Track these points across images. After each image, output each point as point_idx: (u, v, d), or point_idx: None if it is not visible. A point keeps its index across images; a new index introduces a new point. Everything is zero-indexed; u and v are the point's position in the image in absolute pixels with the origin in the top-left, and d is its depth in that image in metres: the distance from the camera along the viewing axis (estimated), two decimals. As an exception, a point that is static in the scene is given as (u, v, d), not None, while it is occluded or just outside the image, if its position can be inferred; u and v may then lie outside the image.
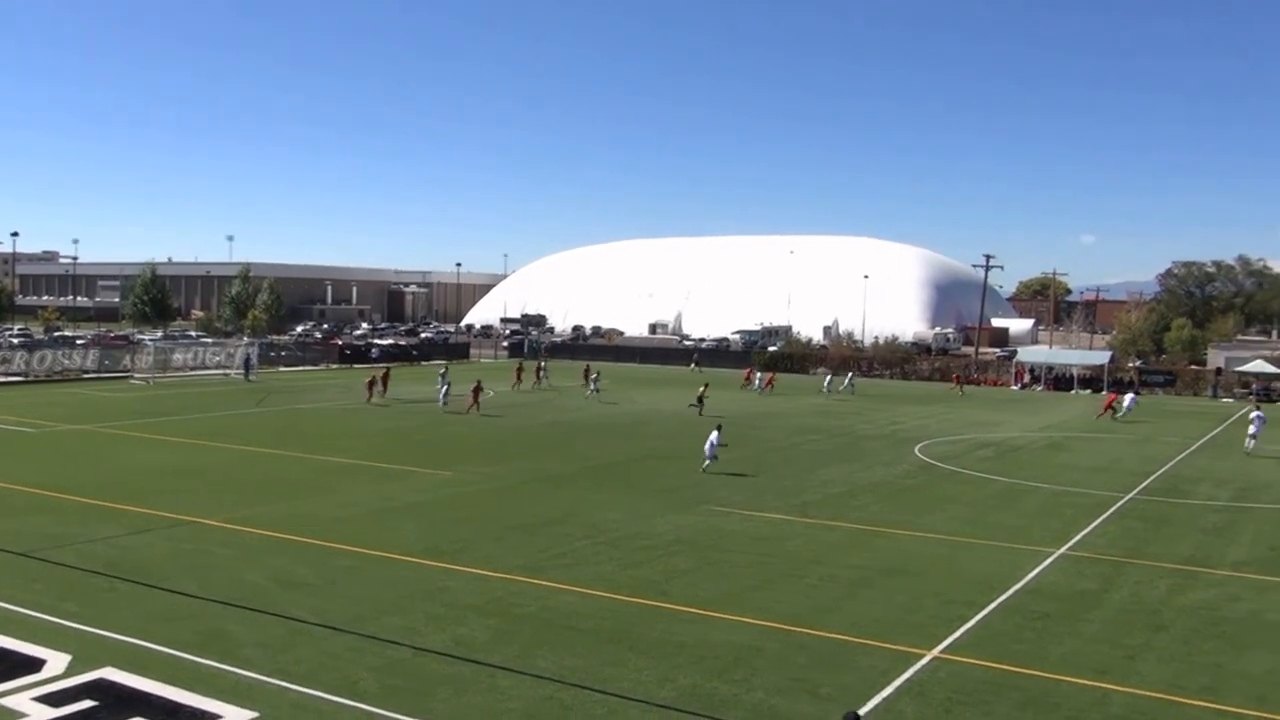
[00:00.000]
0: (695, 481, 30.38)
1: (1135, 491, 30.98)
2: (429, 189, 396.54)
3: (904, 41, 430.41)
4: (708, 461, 31.68)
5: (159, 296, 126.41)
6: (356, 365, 77.77)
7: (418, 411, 47.55)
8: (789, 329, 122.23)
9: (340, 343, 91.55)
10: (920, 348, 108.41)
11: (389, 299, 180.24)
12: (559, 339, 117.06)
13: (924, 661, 15.36)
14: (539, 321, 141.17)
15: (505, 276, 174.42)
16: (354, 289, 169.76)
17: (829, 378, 67.21)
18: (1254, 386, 73.34)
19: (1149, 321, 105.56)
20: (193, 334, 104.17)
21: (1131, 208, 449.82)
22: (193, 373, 67.87)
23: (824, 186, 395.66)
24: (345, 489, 27.91)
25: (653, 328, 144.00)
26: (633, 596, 18.29)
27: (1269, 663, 15.85)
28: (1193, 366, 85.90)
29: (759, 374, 69.13)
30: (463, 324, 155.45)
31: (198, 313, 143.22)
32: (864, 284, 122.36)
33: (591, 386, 56.28)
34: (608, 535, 23.08)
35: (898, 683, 14.45)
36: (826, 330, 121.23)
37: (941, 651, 15.84)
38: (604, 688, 13.91)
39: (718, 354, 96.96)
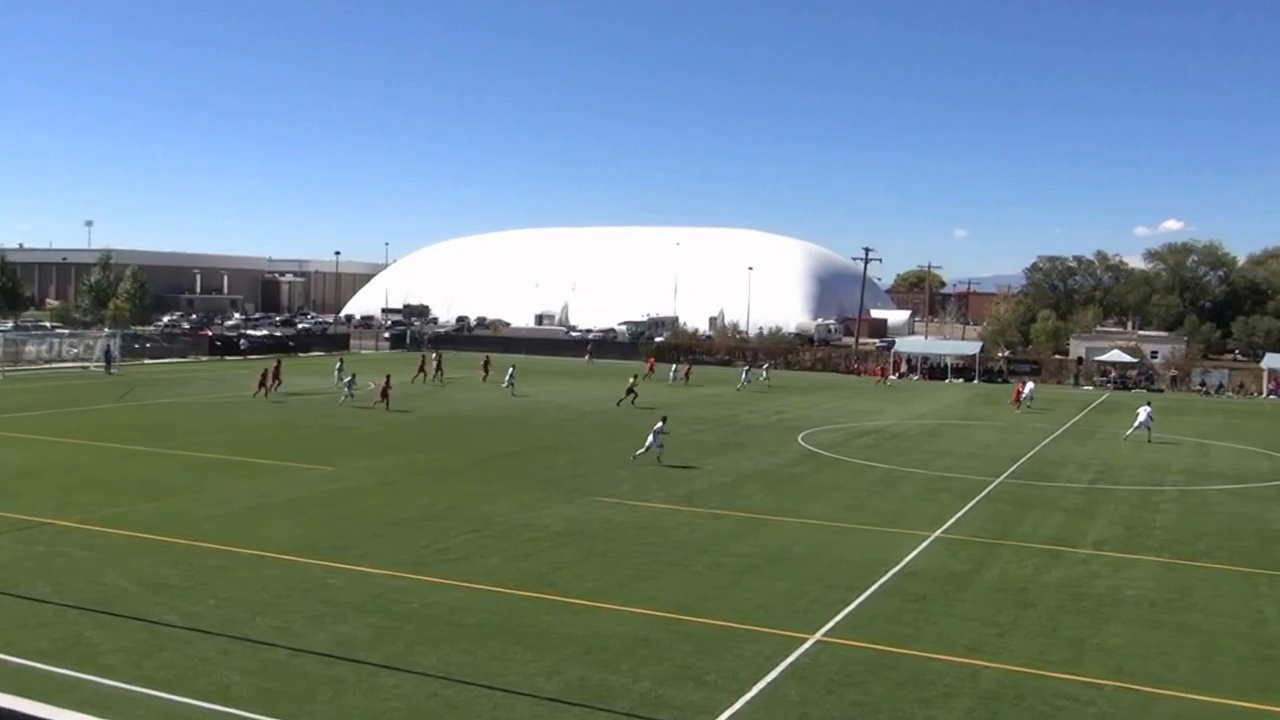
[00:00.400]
0: (582, 473, 30.37)
1: (1005, 476, 32.13)
2: (306, 174, 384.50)
3: (785, 35, 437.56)
4: (642, 450, 32.02)
5: (9, 285, 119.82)
6: (228, 357, 75.46)
7: (303, 405, 46.26)
8: (675, 320, 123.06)
9: (210, 334, 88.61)
10: (803, 338, 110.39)
11: (263, 288, 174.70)
12: (443, 330, 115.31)
13: (807, 645, 15.65)
14: (422, 312, 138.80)
15: (387, 266, 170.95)
16: (225, 278, 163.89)
17: (746, 369, 67.97)
18: (1134, 375, 76.74)
19: (1016, 313, 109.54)
20: (47, 324, 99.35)
21: (1001, 204, 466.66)
22: (47, 366, 64.51)
23: (710, 179, 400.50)
24: (216, 486, 26.99)
25: (539, 318, 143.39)
26: (519, 589, 18.17)
27: (1126, 635, 16.63)
28: (1056, 356, 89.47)
29: (675, 366, 69.48)
30: (342, 314, 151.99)
31: (53, 302, 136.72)
32: (749, 276, 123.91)
33: (506, 381, 55.35)
34: (494, 528, 22.89)
35: (782, 667, 14.69)
36: (712, 321, 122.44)
37: (824, 635, 16.16)
38: (490, 682, 13.79)
39: (606, 345, 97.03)
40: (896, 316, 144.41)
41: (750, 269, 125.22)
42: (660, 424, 32.69)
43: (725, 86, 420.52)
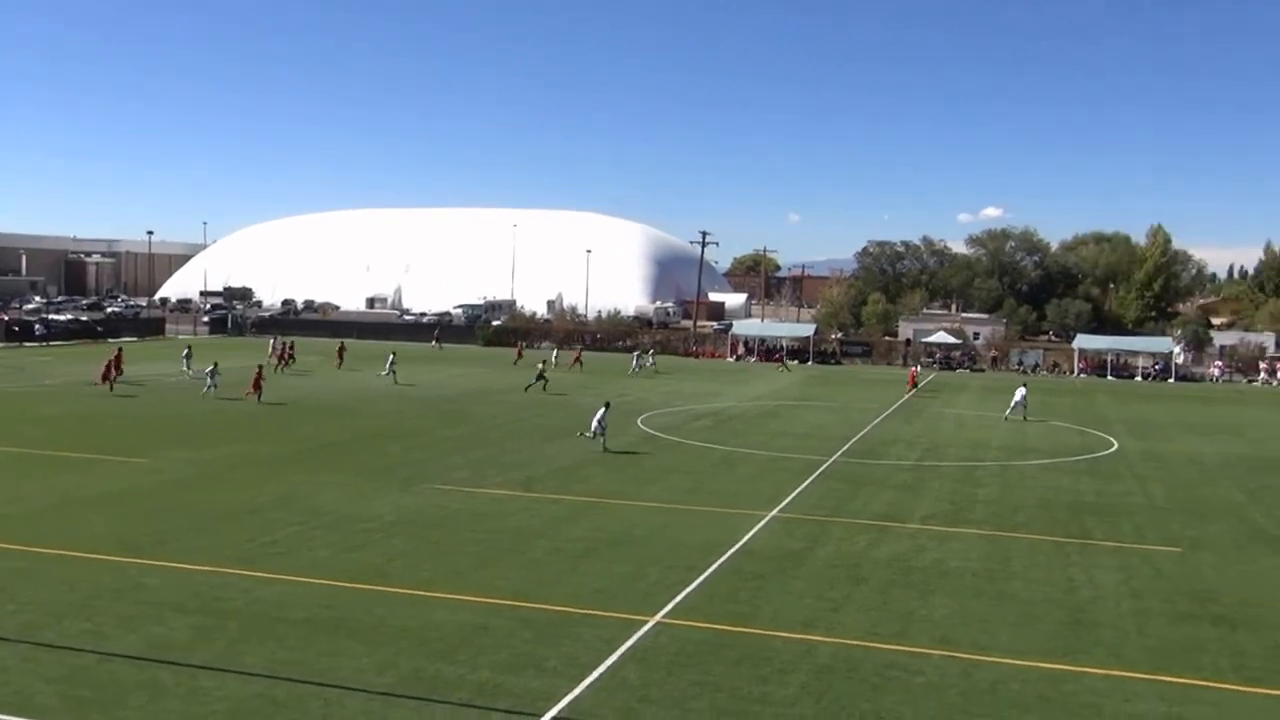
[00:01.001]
0: (417, 460, 29.69)
1: (838, 455, 33.01)
2: (116, 148, 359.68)
3: (620, 14, 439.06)
4: (589, 434, 32.49)
5: None
6: (26, 344, 70.71)
7: (151, 396, 43.43)
8: (513, 303, 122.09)
9: (6, 318, 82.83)
10: (642, 321, 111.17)
11: (67, 269, 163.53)
12: (268, 314, 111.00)
13: (647, 628, 15.63)
14: (244, 295, 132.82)
15: (206, 247, 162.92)
16: (23, 258, 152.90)
17: (637, 354, 68.35)
18: (958, 356, 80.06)
19: (849, 296, 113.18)
20: None
21: (833, 190, 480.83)
22: None
23: (548, 160, 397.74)
24: (15, 482, 25.14)
25: (371, 301, 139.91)
26: (350, 582, 17.55)
27: (950, 606, 17.25)
28: (886, 338, 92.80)
29: (556, 353, 69.39)
30: (156, 297, 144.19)
31: None
32: (587, 258, 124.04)
33: (386, 369, 53.01)
34: (324, 519, 22.08)
35: (622, 650, 14.63)
36: (550, 304, 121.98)
37: (664, 617, 16.18)
38: (320, 679, 13.24)
39: (443, 329, 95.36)
40: (734, 300, 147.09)
41: (589, 252, 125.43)
42: (603, 410, 32.72)
43: (560, 66, 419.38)
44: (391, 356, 54.10)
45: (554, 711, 12.57)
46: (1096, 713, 13.04)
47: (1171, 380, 74.44)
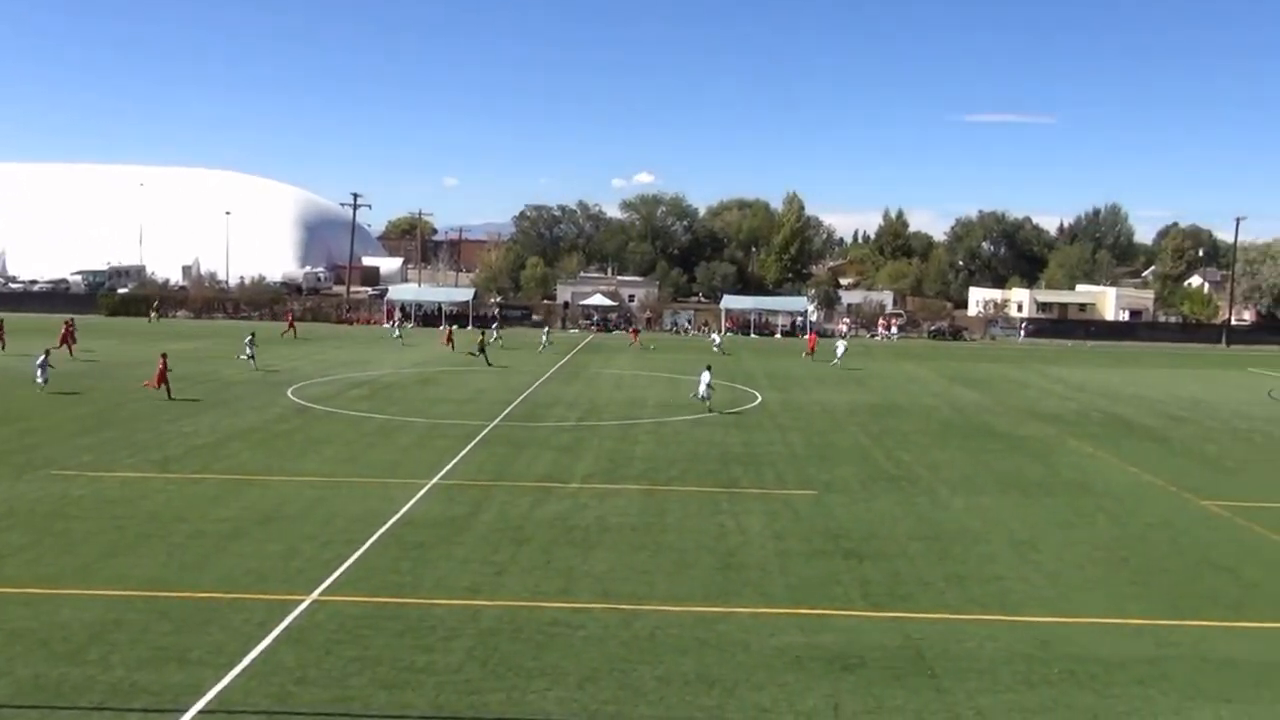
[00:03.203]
0: (32, 444, 26.62)
1: (499, 419, 33.06)
2: None
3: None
4: (702, 397, 36.15)
5: None
6: None
7: None
8: (142, 269, 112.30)
9: None
10: (290, 287, 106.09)
11: None
12: None
13: (303, 607, 14.89)
14: None
15: None
16: None
17: (546, 330, 67.82)
18: (614, 318, 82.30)
19: (507, 260, 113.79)
20: None
21: (488, 153, 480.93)
22: None
23: (178, 113, 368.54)
24: None
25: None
26: (-49, 584, 15.42)
27: (610, 560, 17.72)
28: (545, 301, 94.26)
29: (394, 322, 65.43)
30: None
31: None
32: (227, 221, 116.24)
33: (247, 352, 46.42)
34: (-83, 516, 19.27)
35: (276, 633, 13.84)
36: (186, 270, 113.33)
37: (321, 594, 15.48)
38: (-89, 699, 11.51)
39: (55, 297, 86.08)
40: (389, 264, 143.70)
41: (228, 214, 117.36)
42: (707, 374, 36.85)
43: (194, 11, 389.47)
44: (250, 338, 47.97)
45: (200, 705, 11.67)
46: (745, 649, 13.83)
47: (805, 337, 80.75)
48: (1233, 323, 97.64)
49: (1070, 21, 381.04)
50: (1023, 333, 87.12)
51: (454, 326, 67.83)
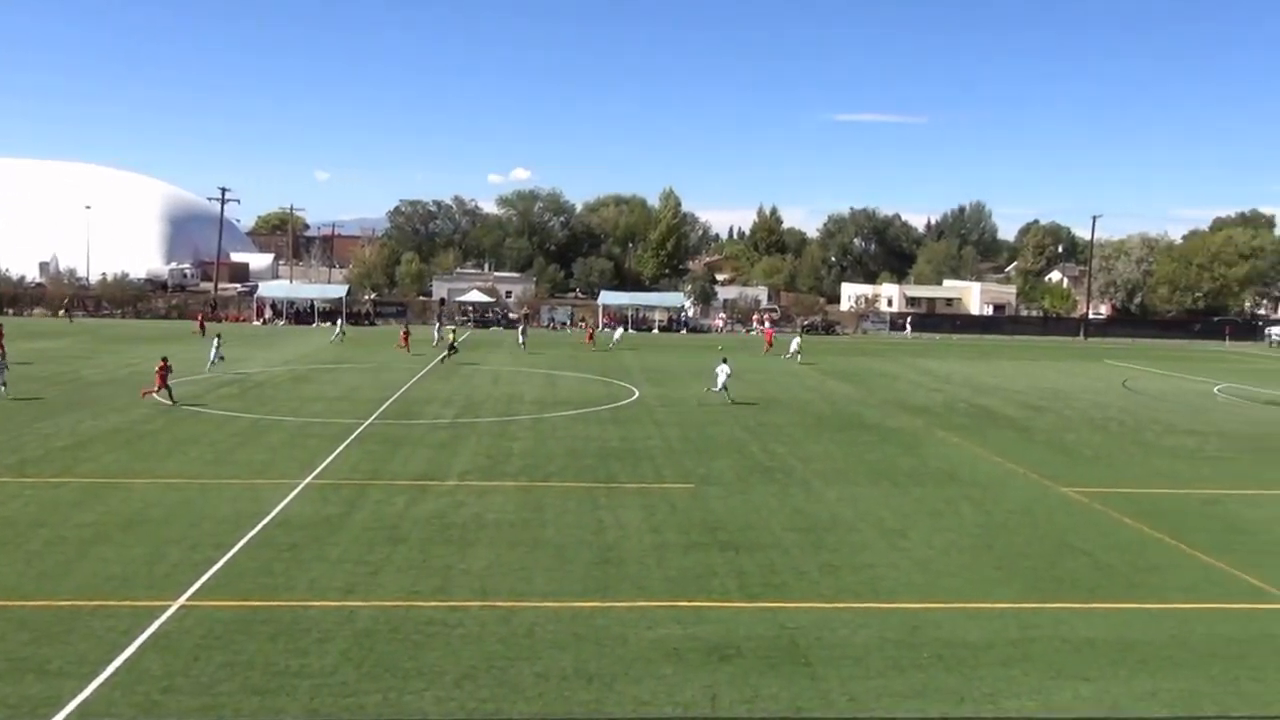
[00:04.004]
0: (-128, 448, 25.08)
1: (374, 417, 32.50)
2: None
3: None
4: (718, 391, 38.43)
5: None
6: None
7: None
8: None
9: None
10: (155, 284, 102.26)
11: None
12: None
13: (170, 612, 14.41)
14: None
15: None
16: None
17: (522, 329, 64.47)
18: (491, 314, 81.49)
19: (382, 256, 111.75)
20: None
21: (362, 147, 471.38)
22: None
23: (27, 102, 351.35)
24: None
25: None
26: None
27: (488, 558, 17.61)
28: (421, 298, 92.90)
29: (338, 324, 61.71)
30: None
31: None
32: (87, 215, 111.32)
33: (213, 354, 44.10)
34: None
35: (141, 639, 13.36)
36: (44, 267, 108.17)
37: (189, 599, 15.00)
38: None
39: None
40: (259, 260, 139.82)
41: (89, 208, 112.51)
42: (726, 365, 38.80)
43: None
44: (217, 340, 45.81)
45: (59, 717, 11.20)
46: (623, 642, 13.92)
47: (684, 332, 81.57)
48: (1090, 316, 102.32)
49: (938, 24, 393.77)
50: (909, 328, 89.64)
51: (408, 327, 64.23)
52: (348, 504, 21.06)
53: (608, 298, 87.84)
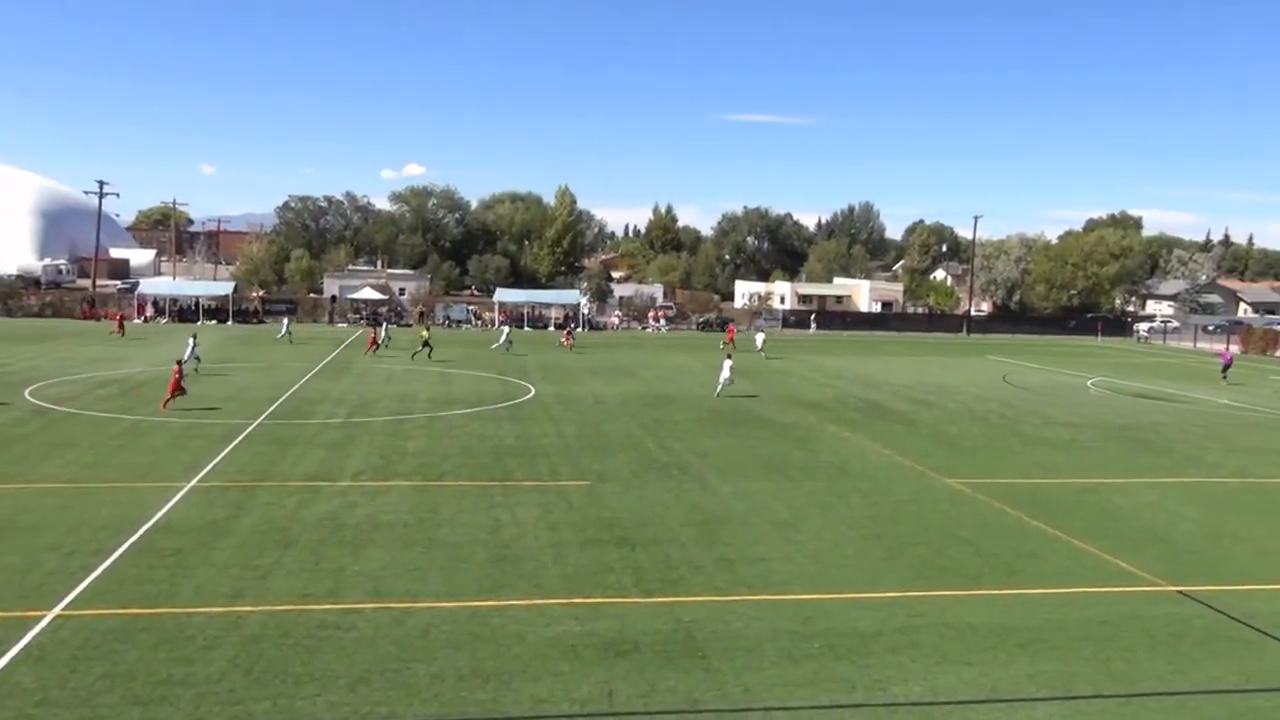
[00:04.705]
0: None
1: (264, 416, 31.71)
2: None
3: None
4: (721, 386, 40.70)
5: None
6: None
7: None
8: None
9: None
10: (28, 281, 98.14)
11: None
12: None
13: (44, 623, 13.84)
14: None
15: None
16: None
17: (508, 329, 64.53)
18: (385, 311, 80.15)
19: (270, 252, 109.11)
20: None
21: (249, 141, 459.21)
22: None
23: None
24: None
25: None
26: None
27: (382, 559, 17.36)
28: (312, 295, 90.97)
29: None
30: None
31: None
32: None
33: (189, 353, 41.73)
34: None
35: (12, 652, 12.81)
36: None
37: (64, 609, 14.42)
38: None
39: None
40: (140, 256, 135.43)
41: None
42: (729, 362, 41.50)
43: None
44: (192, 341, 44.12)
45: (-77, 737, 10.68)
46: (520, 641, 13.87)
47: (581, 329, 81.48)
48: (972, 313, 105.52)
49: (825, 28, 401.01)
50: (814, 325, 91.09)
51: (377, 328, 60.50)
52: (235, 507, 20.51)
53: (504, 295, 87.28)
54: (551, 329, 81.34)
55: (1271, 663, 14.12)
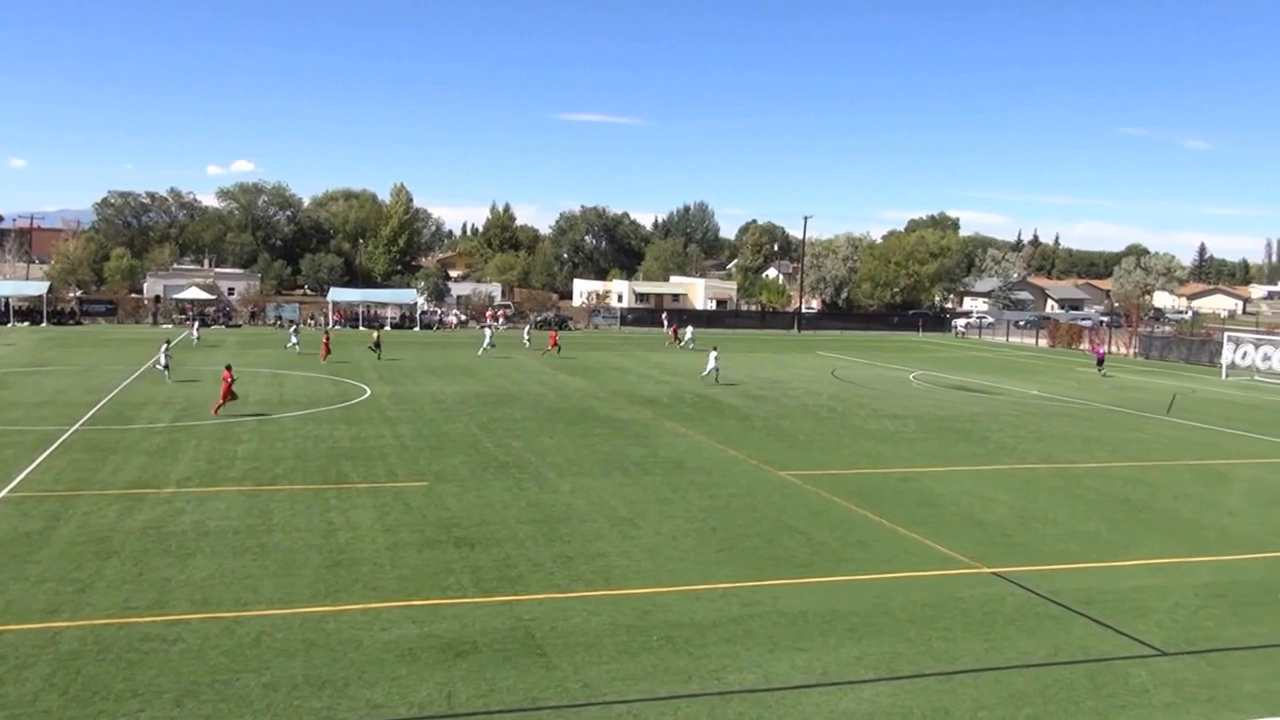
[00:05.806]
0: None
1: (80, 423, 30.18)
2: None
3: None
4: (704, 374, 44.87)
5: None
6: None
7: None
8: None
9: None
10: None
11: None
12: None
13: None
14: None
15: None
16: None
17: (490, 331, 62.47)
18: (190, 312, 77.04)
19: (88, 250, 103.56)
20: None
21: (64, 133, 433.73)
22: None
23: None
24: None
25: None
26: None
27: (210, 567, 16.82)
28: (133, 295, 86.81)
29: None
30: None
31: None
32: None
33: (162, 361, 37.53)
34: None
35: None
36: None
37: None
38: None
39: None
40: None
41: None
42: (715, 354, 46.00)
43: None
44: (166, 345, 41.03)
45: None
46: (356, 646, 13.69)
47: (417, 329, 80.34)
48: (803, 310, 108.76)
49: (654, 29, 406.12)
50: (666, 322, 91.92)
51: (329, 333, 57.54)
52: (51, 517, 19.49)
53: (338, 294, 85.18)
54: (388, 328, 79.96)
55: (1077, 636, 15.17)
